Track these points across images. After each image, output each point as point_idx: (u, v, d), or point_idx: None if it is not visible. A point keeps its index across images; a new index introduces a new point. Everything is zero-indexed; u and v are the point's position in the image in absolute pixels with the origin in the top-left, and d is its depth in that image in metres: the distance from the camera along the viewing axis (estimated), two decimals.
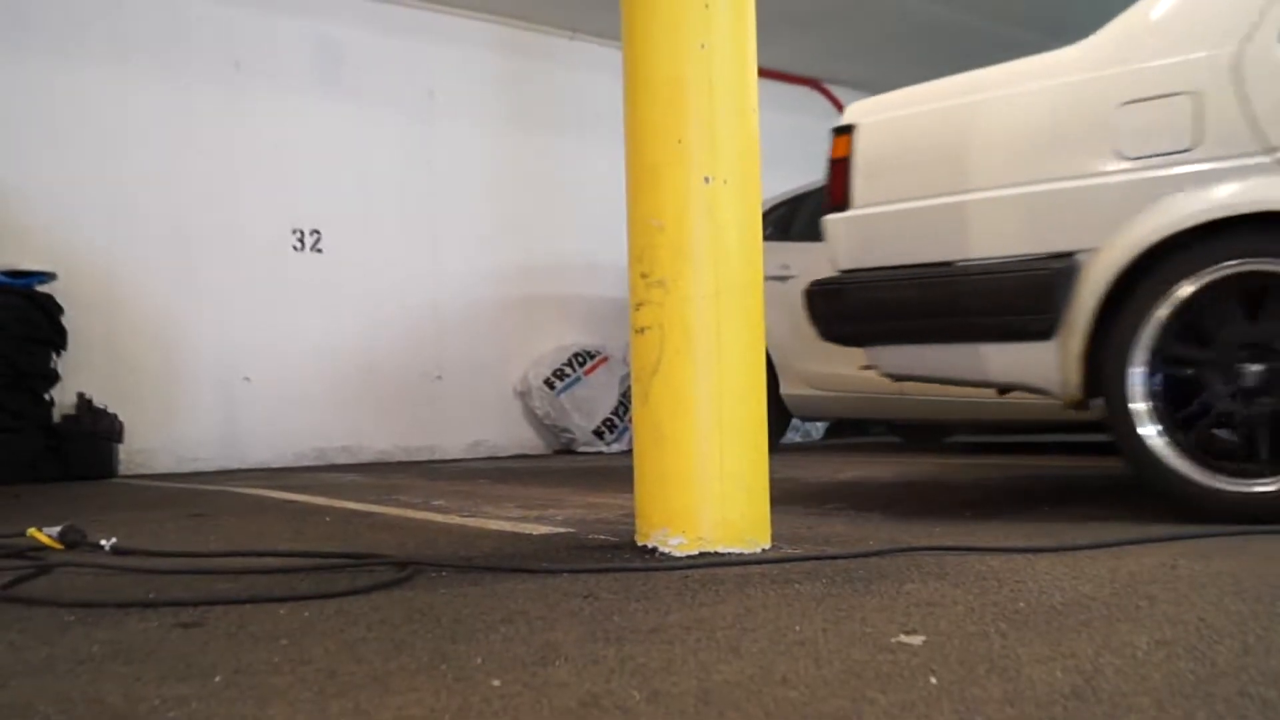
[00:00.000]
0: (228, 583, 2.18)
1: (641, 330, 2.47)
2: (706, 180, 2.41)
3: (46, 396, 5.82)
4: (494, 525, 3.15)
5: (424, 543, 2.77)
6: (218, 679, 1.41)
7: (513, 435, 7.72)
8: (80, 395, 5.98)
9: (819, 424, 8.93)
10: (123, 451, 6.12)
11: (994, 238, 3.03)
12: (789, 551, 2.41)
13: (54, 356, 5.85)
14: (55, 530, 2.65)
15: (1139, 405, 2.82)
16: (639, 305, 2.47)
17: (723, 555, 2.36)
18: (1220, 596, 1.79)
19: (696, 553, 2.37)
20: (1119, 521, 2.85)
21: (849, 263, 3.31)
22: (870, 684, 1.31)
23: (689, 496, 2.41)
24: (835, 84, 9.43)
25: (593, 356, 7.79)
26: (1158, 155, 2.81)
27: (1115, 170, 2.86)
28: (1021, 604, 1.77)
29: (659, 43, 2.46)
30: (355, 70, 7.14)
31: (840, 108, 4.39)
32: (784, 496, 3.02)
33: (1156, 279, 2.78)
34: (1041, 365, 2.98)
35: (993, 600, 1.81)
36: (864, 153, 3.29)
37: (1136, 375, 2.81)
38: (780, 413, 6.32)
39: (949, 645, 1.49)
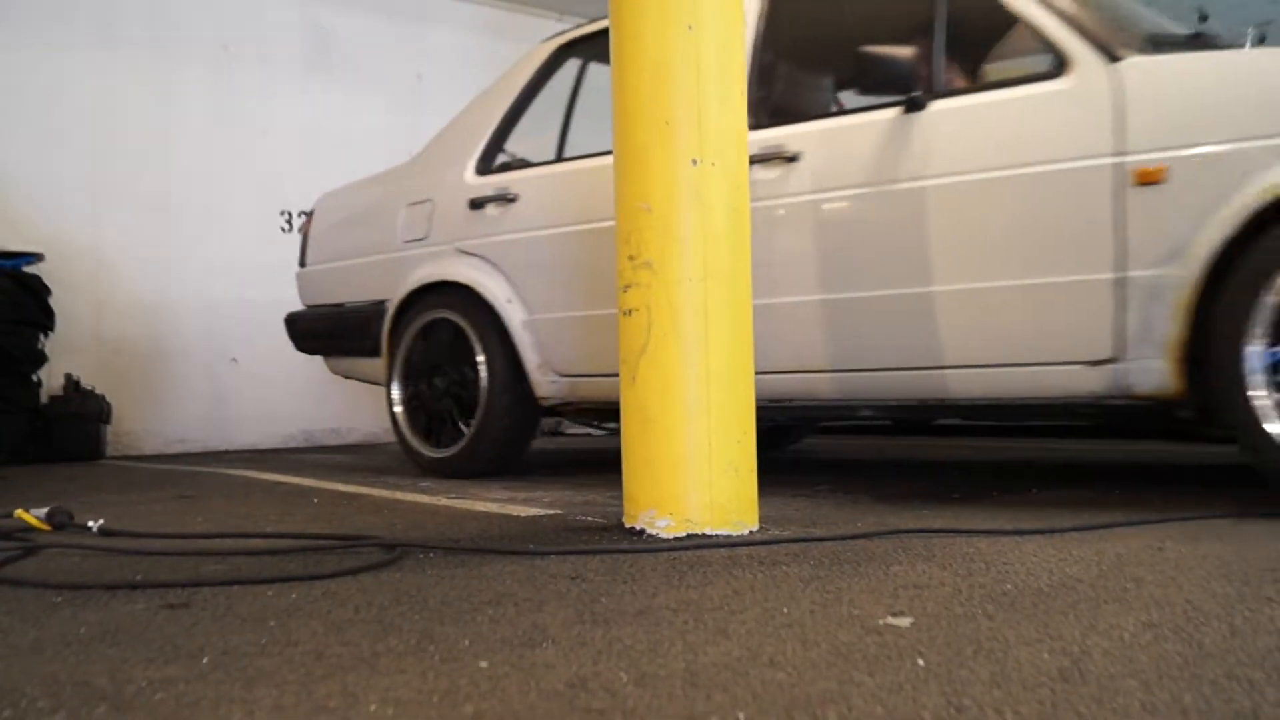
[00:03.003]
0: (215, 564, 2.18)
1: (629, 312, 2.46)
2: (694, 162, 2.40)
3: (34, 378, 5.78)
4: (481, 507, 3.15)
5: (411, 524, 2.77)
6: (205, 660, 1.40)
7: None
8: (68, 376, 5.95)
9: None
10: (110, 433, 6.10)
11: (356, 289, 4.52)
12: (777, 533, 2.42)
13: (41, 338, 5.81)
14: (42, 511, 2.64)
15: (399, 406, 4.25)
16: (626, 287, 2.47)
17: (710, 537, 2.36)
18: (1208, 579, 1.80)
19: (684, 535, 2.37)
20: (1106, 504, 2.86)
21: (305, 301, 4.85)
22: (857, 666, 1.31)
23: (676, 478, 2.41)
24: None
25: None
26: (414, 240, 4.26)
27: (399, 248, 4.32)
28: (1009, 586, 1.78)
29: (646, 24, 2.44)
30: (343, 53, 7.09)
31: None
32: (772, 478, 3.02)
33: (404, 323, 4.24)
34: (381, 372, 4.38)
35: (980, 582, 1.82)
36: (314, 228, 4.81)
37: (395, 386, 4.26)
38: None
39: (936, 627, 1.50)
